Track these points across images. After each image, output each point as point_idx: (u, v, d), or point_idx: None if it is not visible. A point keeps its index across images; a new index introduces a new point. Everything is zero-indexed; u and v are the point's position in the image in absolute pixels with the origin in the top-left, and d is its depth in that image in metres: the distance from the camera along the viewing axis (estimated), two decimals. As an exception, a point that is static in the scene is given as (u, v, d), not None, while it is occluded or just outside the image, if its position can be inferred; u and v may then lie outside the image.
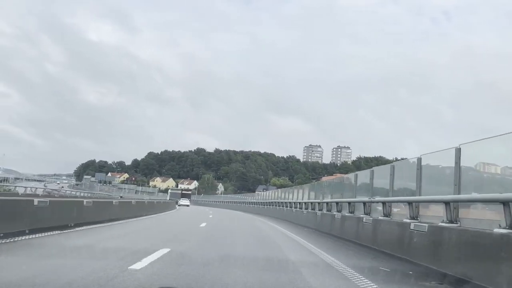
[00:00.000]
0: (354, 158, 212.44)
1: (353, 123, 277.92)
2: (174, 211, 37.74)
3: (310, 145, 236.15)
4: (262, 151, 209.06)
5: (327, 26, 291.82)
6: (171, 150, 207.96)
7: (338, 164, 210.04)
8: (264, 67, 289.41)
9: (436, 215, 8.62)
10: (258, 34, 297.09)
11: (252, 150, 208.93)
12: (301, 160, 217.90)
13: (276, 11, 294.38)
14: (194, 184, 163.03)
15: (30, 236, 9.04)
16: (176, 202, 57.49)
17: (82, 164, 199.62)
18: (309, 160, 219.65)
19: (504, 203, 6.02)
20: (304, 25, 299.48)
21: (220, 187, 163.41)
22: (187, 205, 62.23)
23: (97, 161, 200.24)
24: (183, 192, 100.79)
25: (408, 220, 9.06)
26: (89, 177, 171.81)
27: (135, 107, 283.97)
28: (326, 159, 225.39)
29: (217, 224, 20.66)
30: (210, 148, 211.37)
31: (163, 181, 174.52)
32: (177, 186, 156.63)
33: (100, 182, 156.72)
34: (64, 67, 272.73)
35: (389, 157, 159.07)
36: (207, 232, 14.88)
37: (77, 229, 11.60)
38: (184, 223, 20.86)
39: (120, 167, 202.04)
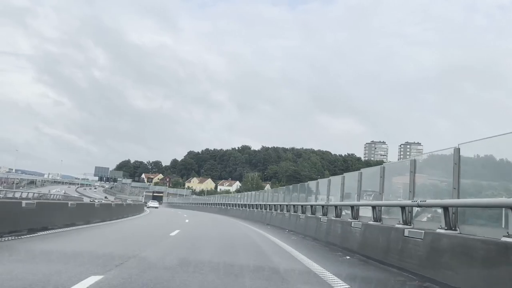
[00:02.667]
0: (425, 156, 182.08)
1: (412, 123, 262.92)
2: (143, 214, 33.60)
3: (372, 141, 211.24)
4: (315, 149, 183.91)
5: (375, 26, 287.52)
6: (212, 149, 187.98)
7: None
8: (313, 67, 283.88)
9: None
10: (306, 36, 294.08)
11: (304, 148, 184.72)
12: (362, 158, 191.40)
13: (322, 13, 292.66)
14: (236, 185, 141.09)
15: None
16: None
17: (117, 164, 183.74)
18: (372, 158, 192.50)
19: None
20: (352, 25, 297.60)
21: (268, 188, 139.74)
22: (156, 207, 64.56)
23: (132, 161, 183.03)
24: (154, 194, 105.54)
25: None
26: (121, 179, 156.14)
27: (180, 110, 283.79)
28: (393, 156, 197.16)
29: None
30: (256, 147, 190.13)
31: (201, 182, 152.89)
32: (216, 188, 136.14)
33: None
34: (111, 71, 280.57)
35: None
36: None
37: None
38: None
39: (156, 167, 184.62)
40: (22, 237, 10.10)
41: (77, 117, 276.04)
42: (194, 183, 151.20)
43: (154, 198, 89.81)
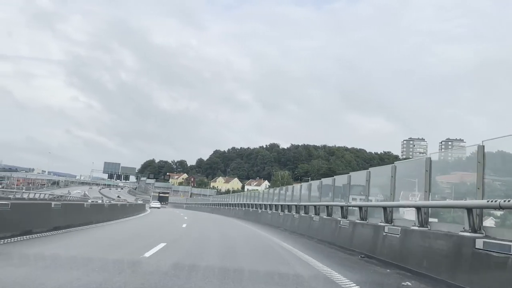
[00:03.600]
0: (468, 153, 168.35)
1: (446, 120, 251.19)
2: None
3: (410, 138, 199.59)
4: (349, 146, 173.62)
5: (404, 24, 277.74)
6: (239, 148, 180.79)
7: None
8: (341, 65, 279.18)
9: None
10: (333, 34, 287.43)
11: (337, 145, 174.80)
12: (400, 156, 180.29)
13: (349, 12, 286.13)
14: (265, 184, 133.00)
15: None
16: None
17: (142, 164, 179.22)
18: (411, 156, 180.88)
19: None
20: (380, 23, 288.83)
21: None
22: (158, 207, 64.57)
23: (156, 161, 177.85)
24: (160, 194, 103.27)
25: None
26: (144, 179, 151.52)
27: (205, 110, 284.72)
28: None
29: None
30: (284, 145, 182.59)
31: (226, 181, 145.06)
32: (243, 188, 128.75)
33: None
34: (137, 73, 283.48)
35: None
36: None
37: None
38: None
39: (181, 167, 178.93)
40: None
41: (107, 120, 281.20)
42: (220, 183, 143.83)
43: (160, 198, 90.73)
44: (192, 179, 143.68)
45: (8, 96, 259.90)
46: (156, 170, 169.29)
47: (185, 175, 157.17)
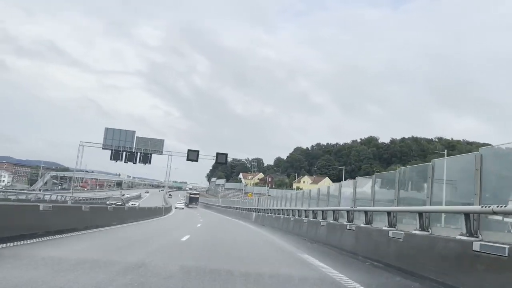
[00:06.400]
0: None
1: None
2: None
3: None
4: (470, 139, 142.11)
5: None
6: (325, 143, 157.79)
7: None
8: (429, 59, 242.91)
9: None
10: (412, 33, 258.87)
11: (454, 138, 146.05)
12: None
13: (427, 10, 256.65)
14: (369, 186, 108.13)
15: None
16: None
17: (213, 164, 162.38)
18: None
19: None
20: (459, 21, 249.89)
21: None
22: (182, 208, 70.71)
23: (229, 160, 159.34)
24: (190, 196, 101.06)
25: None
26: (214, 179, 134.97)
27: (280, 113, 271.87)
28: None
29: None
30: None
31: (314, 181, 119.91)
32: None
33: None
34: (210, 78, 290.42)
35: None
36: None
37: None
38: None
39: (256, 166, 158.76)
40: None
41: (184, 126, 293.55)
42: (306, 183, 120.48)
43: (190, 199, 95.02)
44: (269, 179, 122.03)
45: (93, 105, 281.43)
46: (229, 170, 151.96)
47: (260, 175, 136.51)
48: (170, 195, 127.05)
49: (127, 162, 63.70)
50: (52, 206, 13.84)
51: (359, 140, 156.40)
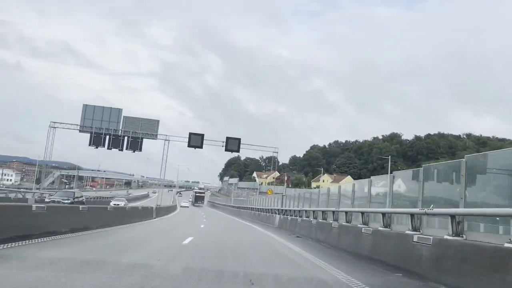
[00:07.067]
0: None
1: None
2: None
3: None
4: (499, 136, 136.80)
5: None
6: (343, 141, 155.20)
7: None
8: (447, 55, 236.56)
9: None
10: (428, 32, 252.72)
11: (483, 135, 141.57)
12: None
13: (442, 8, 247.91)
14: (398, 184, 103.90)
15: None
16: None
17: (225, 163, 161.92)
18: None
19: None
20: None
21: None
22: (187, 207, 70.95)
23: (242, 158, 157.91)
24: (196, 194, 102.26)
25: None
26: (227, 178, 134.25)
27: (293, 112, 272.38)
28: None
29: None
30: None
31: (335, 180, 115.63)
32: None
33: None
34: (223, 77, 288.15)
35: None
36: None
37: None
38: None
39: (271, 165, 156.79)
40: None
41: (197, 126, 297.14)
42: (326, 182, 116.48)
43: (196, 198, 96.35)
44: (286, 178, 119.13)
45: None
46: (242, 169, 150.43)
47: (276, 173, 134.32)
48: (180, 194, 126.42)
49: (110, 149, 50.93)
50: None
51: (380, 137, 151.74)
